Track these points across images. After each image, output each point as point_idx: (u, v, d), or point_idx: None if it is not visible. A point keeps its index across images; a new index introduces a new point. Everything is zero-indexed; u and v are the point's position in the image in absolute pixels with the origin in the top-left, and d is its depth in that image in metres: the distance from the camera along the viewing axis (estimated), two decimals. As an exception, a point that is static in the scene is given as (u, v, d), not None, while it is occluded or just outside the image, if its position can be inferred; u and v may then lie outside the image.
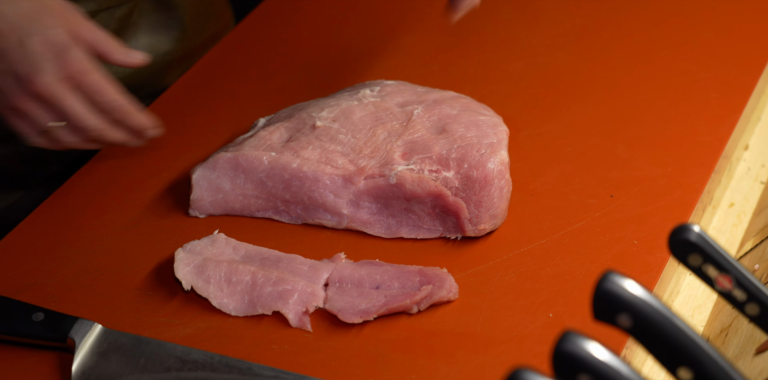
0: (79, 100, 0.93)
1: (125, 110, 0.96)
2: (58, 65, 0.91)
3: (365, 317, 0.91)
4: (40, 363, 0.90)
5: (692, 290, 1.01)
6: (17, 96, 0.92)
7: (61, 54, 0.91)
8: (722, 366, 0.64)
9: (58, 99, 0.92)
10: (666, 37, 1.24)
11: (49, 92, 0.92)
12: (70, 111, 0.93)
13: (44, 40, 0.91)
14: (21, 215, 1.06)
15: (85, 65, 0.92)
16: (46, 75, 0.91)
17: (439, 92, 1.09)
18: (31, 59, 0.91)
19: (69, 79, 0.92)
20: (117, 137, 0.98)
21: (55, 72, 0.91)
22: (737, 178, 1.13)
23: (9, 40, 0.91)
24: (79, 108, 0.94)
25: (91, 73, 0.93)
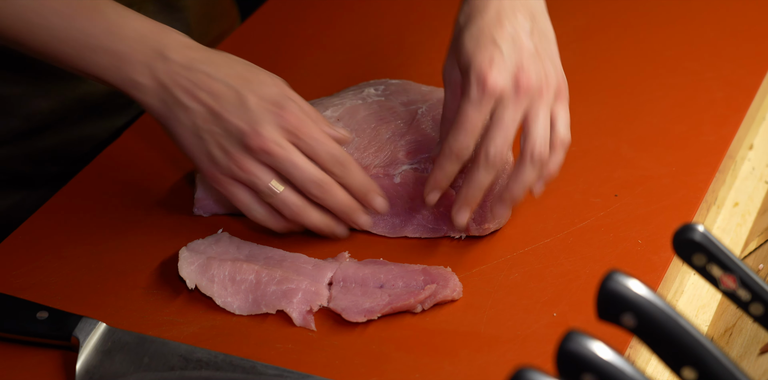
0: (299, 153, 0.92)
1: (347, 164, 0.94)
2: (277, 118, 0.91)
3: (369, 316, 0.91)
4: (43, 361, 0.90)
5: (696, 289, 1.01)
6: (239, 155, 0.91)
7: (280, 108, 0.91)
8: (726, 365, 0.64)
9: (281, 150, 0.91)
10: (671, 37, 1.24)
11: (273, 144, 0.91)
12: (293, 162, 0.92)
13: (261, 96, 0.91)
14: (24, 215, 1.06)
15: (304, 118, 0.92)
16: (268, 127, 0.91)
17: (443, 92, 1.09)
18: (252, 114, 0.91)
19: (289, 132, 0.91)
20: (341, 198, 0.95)
21: (275, 124, 0.91)
22: (742, 177, 1.13)
23: (227, 100, 0.91)
24: (302, 160, 0.92)
25: (310, 126, 0.92)
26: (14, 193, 1.18)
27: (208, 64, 0.92)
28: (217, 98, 0.91)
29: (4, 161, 1.16)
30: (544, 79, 0.92)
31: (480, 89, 0.90)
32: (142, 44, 0.91)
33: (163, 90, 0.91)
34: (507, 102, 0.90)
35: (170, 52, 0.91)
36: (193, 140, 0.92)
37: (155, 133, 1.10)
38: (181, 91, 0.91)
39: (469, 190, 0.93)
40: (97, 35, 0.90)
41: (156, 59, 0.91)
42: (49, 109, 1.15)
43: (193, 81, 0.91)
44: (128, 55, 0.91)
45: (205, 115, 0.91)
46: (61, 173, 1.17)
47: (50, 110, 1.15)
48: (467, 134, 0.91)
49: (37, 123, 1.15)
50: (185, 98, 0.91)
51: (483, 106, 0.90)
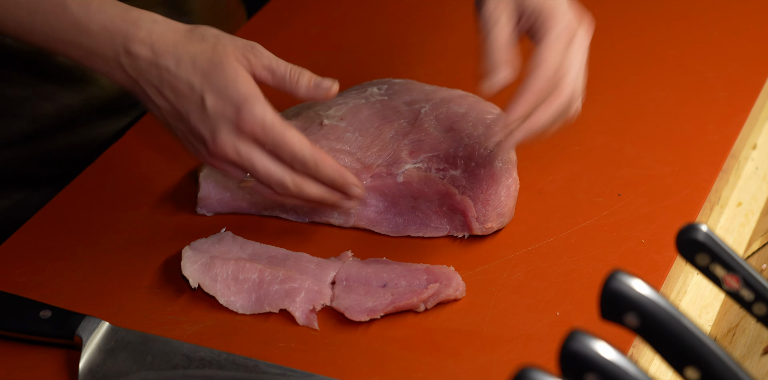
0: (264, 155, 0.91)
1: (312, 160, 0.91)
2: (235, 124, 0.89)
3: (372, 315, 0.91)
4: (47, 360, 0.91)
5: (700, 289, 1.01)
6: (205, 156, 0.92)
7: (238, 111, 0.89)
8: (729, 365, 0.63)
9: (240, 158, 0.90)
10: (674, 37, 1.24)
11: (231, 152, 0.90)
12: (255, 168, 0.91)
13: (219, 99, 0.89)
14: (27, 215, 1.06)
15: (264, 120, 0.89)
16: (224, 137, 0.89)
17: (446, 91, 1.09)
18: (210, 121, 0.90)
19: (248, 136, 0.90)
20: (314, 192, 0.94)
21: (232, 131, 0.90)
22: (745, 177, 1.13)
23: (190, 101, 0.90)
24: (264, 164, 0.91)
25: (271, 129, 0.90)
26: (17, 193, 1.18)
27: (172, 57, 0.90)
28: (179, 97, 0.90)
29: (9, 163, 1.16)
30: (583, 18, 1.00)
31: (562, 28, 0.95)
32: (107, 39, 0.90)
33: (134, 84, 0.91)
34: (581, 36, 0.97)
35: (134, 46, 0.90)
36: (170, 128, 0.93)
37: (158, 132, 1.10)
38: (149, 86, 0.91)
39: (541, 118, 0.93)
40: (62, 30, 0.90)
41: (121, 55, 0.90)
42: (55, 111, 1.15)
43: (157, 77, 0.90)
44: (95, 50, 0.90)
45: (173, 113, 0.91)
46: (65, 173, 1.17)
47: (57, 113, 1.16)
48: (550, 72, 0.93)
49: (43, 126, 1.16)
50: (153, 94, 0.91)
51: (564, 45, 0.95)
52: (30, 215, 1.06)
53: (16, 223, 1.05)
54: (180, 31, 0.91)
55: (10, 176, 1.17)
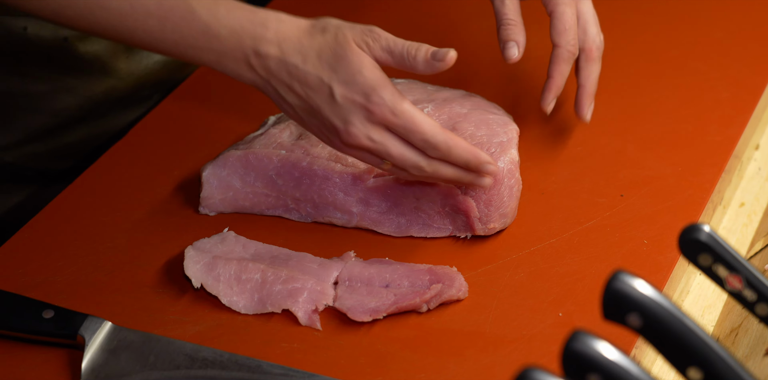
0: (397, 141, 0.92)
1: (445, 144, 0.92)
2: (365, 113, 0.91)
3: (374, 315, 0.91)
4: (49, 360, 0.91)
5: (702, 290, 1.01)
6: (340, 147, 0.93)
7: (367, 101, 0.90)
8: (732, 366, 0.63)
9: (374, 146, 0.92)
10: (677, 37, 1.24)
11: (364, 141, 0.91)
12: (390, 154, 0.92)
13: (348, 90, 0.91)
14: (33, 211, 1.06)
15: (392, 106, 0.91)
16: (356, 126, 0.91)
17: (449, 91, 1.09)
18: (341, 111, 0.91)
19: (380, 123, 0.91)
20: (449, 174, 0.94)
21: (364, 121, 0.91)
22: (748, 178, 1.13)
23: (318, 96, 0.91)
24: (398, 150, 0.92)
25: (399, 115, 0.91)
26: (31, 186, 1.19)
27: (298, 54, 0.92)
28: (310, 92, 0.92)
29: (30, 158, 1.17)
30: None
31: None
32: (236, 42, 0.91)
33: (266, 84, 0.93)
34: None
35: (263, 46, 0.92)
36: (303, 123, 0.94)
37: (160, 131, 1.11)
38: (280, 85, 0.92)
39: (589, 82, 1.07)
40: (193, 36, 0.92)
41: (251, 56, 0.92)
42: (76, 104, 1.16)
43: (287, 75, 0.92)
44: (225, 54, 0.92)
45: (305, 108, 0.92)
46: (78, 166, 1.17)
47: (77, 106, 1.16)
48: (574, 33, 1.05)
49: (64, 119, 1.16)
50: (284, 92, 0.92)
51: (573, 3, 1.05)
52: (34, 212, 1.06)
53: (28, 216, 1.05)
54: (303, 26, 0.93)
55: (29, 171, 1.18)
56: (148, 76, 1.19)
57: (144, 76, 1.19)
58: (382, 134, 0.91)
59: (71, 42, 1.12)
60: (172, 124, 1.13)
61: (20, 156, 1.17)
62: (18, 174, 1.18)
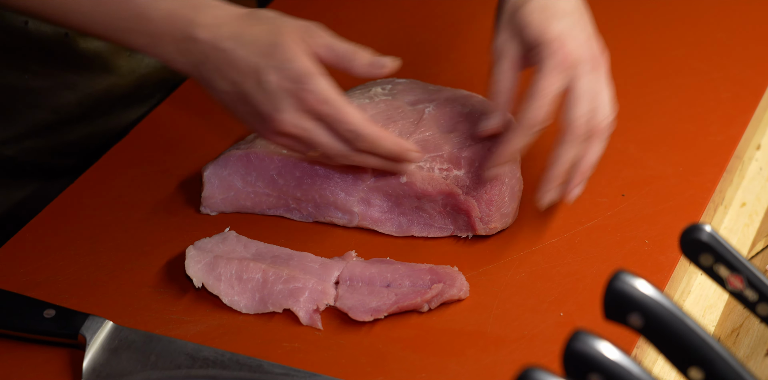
0: (325, 131, 0.93)
1: (371, 137, 0.93)
2: (296, 101, 0.91)
3: (376, 315, 0.91)
4: (51, 359, 0.91)
5: (703, 290, 1.01)
6: (268, 135, 0.93)
7: (299, 88, 0.91)
8: (733, 366, 0.63)
9: (302, 134, 0.92)
10: (678, 37, 1.24)
11: (293, 128, 0.92)
12: (317, 143, 0.93)
13: (281, 76, 0.91)
14: (43, 204, 1.06)
15: (324, 96, 0.91)
16: (286, 113, 0.91)
17: (450, 91, 1.09)
18: (271, 99, 0.91)
19: (310, 113, 0.91)
20: (375, 163, 0.96)
21: (294, 108, 0.91)
22: (749, 178, 1.13)
23: (249, 82, 0.91)
24: (325, 139, 0.93)
25: (330, 104, 0.91)
26: (34, 183, 1.19)
27: (234, 39, 0.92)
28: (242, 78, 0.91)
29: (30, 153, 1.17)
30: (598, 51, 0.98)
31: (559, 59, 0.93)
32: (170, 25, 0.91)
33: (196, 68, 0.92)
34: (583, 71, 0.95)
35: (198, 30, 0.91)
36: (232, 111, 0.94)
37: (162, 131, 1.11)
38: (212, 70, 0.92)
39: (558, 167, 0.96)
40: (126, 18, 0.92)
41: (185, 40, 0.91)
42: (76, 101, 1.16)
43: (220, 60, 0.91)
44: (158, 37, 0.92)
45: (235, 95, 0.92)
46: (80, 164, 1.17)
47: (78, 102, 1.17)
48: (544, 103, 0.94)
49: (64, 115, 1.17)
50: (216, 78, 0.92)
51: (561, 75, 0.94)
52: (46, 204, 1.06)
53: (32, 213, 1.05)
54: (240, 14, 0.93)
55: (30, 166, 1.18)
56: (150, 75, 1.19)
57: (146, 75, 1.19)
58: (311, 123, 0.92)
59: (72, 38, 1.12)
60: (174, 123, 1.13)
61: (20, 151, 1.17)
62: (19, 169, 1.18)
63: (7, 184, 1.19)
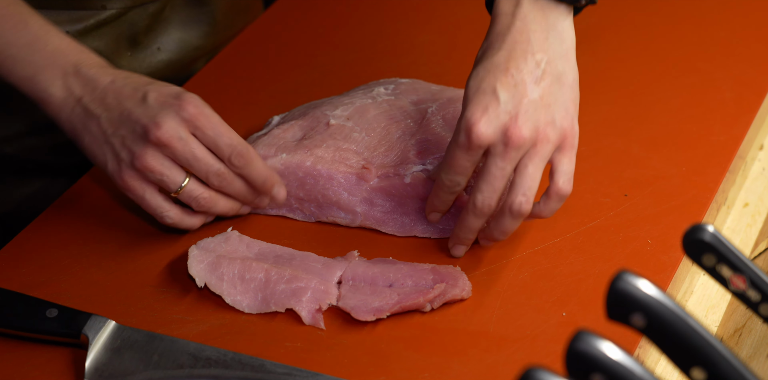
0: (200, 145, 0.94)
1: (247, 156, 0.95)
2: (177, 109, 0.93)
3: (378, 315, 0.91)
4: (53, 359, 0.91)
5: (706, 290, 1.00)
6: (143, 153, 0.93)
7: (179, 100, 0.93)
8: (736, 366, 0.63)
9: (180, 143, 0.93)
10: (681, 37, 1.24)
11: (173, 137, 0.92)
12: (194, 155, 0.93)
13: (161, 93, 0.94)
14: (46, 202, 1.06)
15: (202, 108, 0.94)
16: (166, 120, 0.92)
17: (453, 91, 1.09)
18: (152, 109, 0.93)
19: (188, 123, 0.93)
20: (238, 187, 0.97)
21: (175, 116, 0.93)
22: (752, 178, 1.13)
23: (133, 101, 0.93)
24: (201, 152, 0.94)
25: (209, 116, 0.94)
26: (37, 181, 1.19)
27: (119, 74, 0.95)
28: (123, 100, 0.94)
29: (32, 151, 1.17)
30: (543, 129, 0.89)
31: (467, 138, 0.89)
32: (60, 58, 0.94)
33: (75, 102, 0.94)
34: (495, 153, 0.89)
35: (85, 67, 0.94)
36: (103, 148, 0.95)
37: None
38: (92, 102, 0.94)
39: (461, 232, 0.95)
40: (18, 45, 0.94)
41: (70, 74, 0.94)
42: None
43: (102, 90, 0.94)
44: (44, 68, 0.94)
45: (113, 119, 0.94)
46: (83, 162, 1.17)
47: None
48: (456, 173, 0.92)
49: None
50: (95, 107, 0.94)
51: (470, 153, 0.90)
52: (48, 203, 1.06)
53: (34, 212, 1.06)
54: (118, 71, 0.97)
55: (31, 164, 1.18)
56: (152, 75, 1.19)
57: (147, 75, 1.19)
58: (188, 134, 0.93)
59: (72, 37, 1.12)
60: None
61: (21, 148, 1.17)
62: (20, 167, 1.18)
63: (9, 182, 1.19)
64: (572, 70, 0.92)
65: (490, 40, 0.92)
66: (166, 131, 0.92)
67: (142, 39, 1.18)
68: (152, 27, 1.18)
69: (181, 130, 0.93)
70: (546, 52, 0.91)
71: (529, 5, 0.91)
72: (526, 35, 0.90)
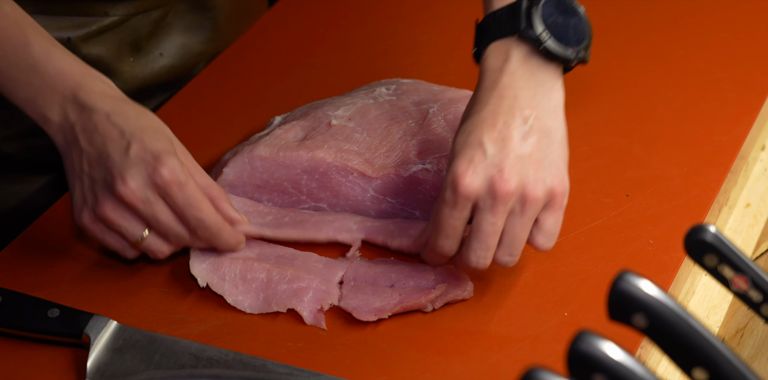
0: (166, 209, 0.92)
1: (213, 229, 0.93)
2: (152, 170, 0.90)
3: (380, 315, 0.91)
4: (55, 359, 0.91)
5: (708, 290, 1.00)
6: (106, 203, 0.91)
7: (158, 161, 0.90)
8: (737, 366, 0.63)
9: (142, 205, 0.91)
10: (683, 37, 1.24)
11: (136, 196, 0.90)
12: (158, 219, 0.92)
13: (144, 147, 0.91)
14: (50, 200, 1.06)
15: (178, 177, 0.90)
16: (137, 178, 0.90)
17: (454, 91, 1.09)
18: (128, 163, 0.91)
19: (157, 187, 0.91)
20: (199, 245, 0.95)
21: (144, 177, 0.90)
22: (754, 178, 1.12)
23: (116, 146, 0.91)
24: (165, 217, 0.92)
25: (183, 186, 0.91)
26: (41, 178, 1.19)
27: (113, 108, 0.93)
28: (107, 142, 0.92)
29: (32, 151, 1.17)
30: (533, 187, 0.87)
31: (453, 192, 0.86)
32: (60, 83, 0.92)
33: (69, 130, 0.92)
34: (484, 208, 0.87)
35: (83, 94, 0.92)
36: (76, 183, 0.93)
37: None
38: (81, 132, 0.92)
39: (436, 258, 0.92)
40: (19, 68, 0.92)
41: (68, 100, 0.92)
42: None
43: (94, 123, 0.92)
44: (44, 92, 0.92)
45: (91, 159, 0.92)
46: None
47: None
48: (447, 236, 0.89)
49: None
50: (82, 140, 0.92)
51: (457, 208, 0.87)
52: (52, 200, 1.06)
53: (36, 212, 1.05)
54: (121, 95, 0.94)
55: (34, 163, 1.18)
56: (153, 80, 1.20)
57: (149, 79, 1.19)
58: (156, 198, 0.91)
59: (74, 43, 1.12)
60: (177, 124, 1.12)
61: (22, 148, 1.17)
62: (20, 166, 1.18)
63: (10, 181, 1.19)
64: (561, 127, 0.91)
65: (477, 96, 0.91)
66: (131, 190, 0.90)
67: (144, 45, 1.18)
68: (154, 33, 1.18)
69: (148, 192, 0.90)
70: (534, 108, 0.89)
71: (518, 62, 0.90)
72: (514, 91, 0.89)
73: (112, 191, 0.91)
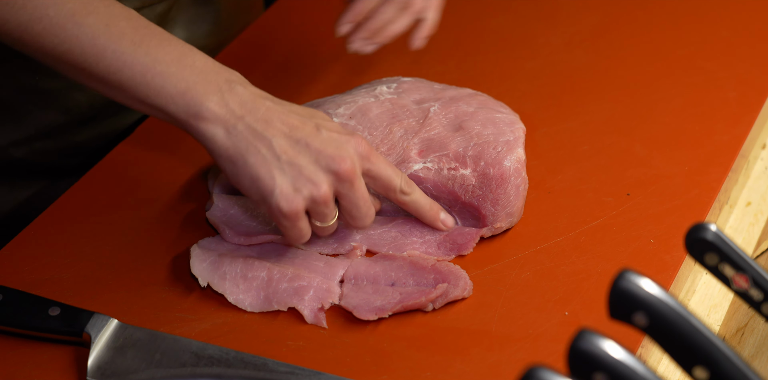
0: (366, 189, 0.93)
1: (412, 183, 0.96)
2: (354, 144, 0.91)
3: (380, 314, 0.91)
4: (56, 357, 0.91)
5: (708, 289, 1.00)
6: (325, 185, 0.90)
7: (352, 135, 0.91)
8: (738, 365, 0.63)
9: (359, 181, 0.91)
10: (684, 36, 1.24)
11: (356, 173, 0.91)
12: (364, 196, 0.92)
13: (330, 128, 0.92)
14: (47, 203, 1.06)
15: (370, 148, 0.93)
16: (351, 153, 0.91)
17: (455, 90, 1.09)
18: (334, 141, 0.90)
19: (363, 158, 0.92)
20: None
21: (353, 152, 0.91)
22: (754, 177, 1.13)
23: (306, 131, 0.91)
24: (365, 198, 0.92)
25: (377, 159, 0.93)
26: (38, 182, 1.19)
27: (273, 99, 0.92)
28: (294, 129, 0.91)
29: (39, 154, 1.17)
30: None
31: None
32: (212, 74, 0.90)
33: (237, 120, 0.90)
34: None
35: (238, 85, 0.91)
36: (273, 172, 0.90)
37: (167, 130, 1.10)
38: (257, 121, 0.90)
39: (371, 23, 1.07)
40: (166, 62, 0.90)
41: (226, 90, 0.90)
42: (87, 102, 1.16)
43: (266, 112, 0.90)
44: (197, 84, 0.90)
45: (286, 146, 0.90)
46: (85, 163, 1.18)
47: (88, 104, 1.17)
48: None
49: (75, 116, 1.17)
50: (262, 128, 0.90)
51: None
52: (52, 202, 1.06)
53: (37, 212, 1.06)
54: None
55: (38, 166, 1.18)
56: None
57: None
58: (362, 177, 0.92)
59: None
60: None
61: (30, 152, 1.17)
62: (27, 170, 1.19)
63: (14, 184, 1.19)
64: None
65: None
66: (351, 167, 0.90)
67: None
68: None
69: (358, 168, 0.91)
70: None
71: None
72: None
73: (328, 172, 0.90)
